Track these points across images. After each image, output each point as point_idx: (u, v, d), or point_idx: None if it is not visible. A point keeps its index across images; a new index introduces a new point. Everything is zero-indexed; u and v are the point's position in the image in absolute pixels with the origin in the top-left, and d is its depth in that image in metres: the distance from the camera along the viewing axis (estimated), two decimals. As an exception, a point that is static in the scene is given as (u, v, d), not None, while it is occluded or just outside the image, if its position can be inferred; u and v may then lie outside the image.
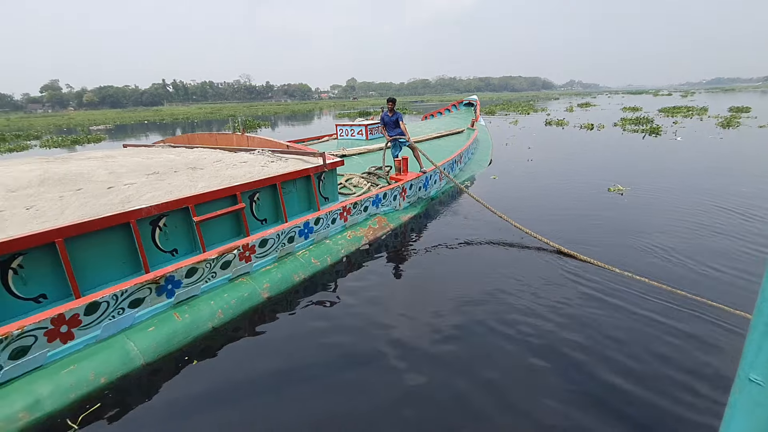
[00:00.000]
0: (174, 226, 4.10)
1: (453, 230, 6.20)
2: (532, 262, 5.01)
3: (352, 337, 3.61)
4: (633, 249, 5.28)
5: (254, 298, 4.12)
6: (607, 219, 6.56)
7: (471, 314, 3.90)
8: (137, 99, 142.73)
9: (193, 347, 3.49)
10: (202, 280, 3.89)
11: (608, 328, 3.60)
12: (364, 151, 9.93)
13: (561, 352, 3.29)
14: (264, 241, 4.41)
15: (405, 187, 6.82)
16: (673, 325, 3.62)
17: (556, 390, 2.91)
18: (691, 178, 9.28)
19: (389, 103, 7.54)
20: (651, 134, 17.36)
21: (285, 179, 5.07)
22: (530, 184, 9.28)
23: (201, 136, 7.94)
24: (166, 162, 6.01)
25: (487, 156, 12.14)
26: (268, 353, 3.41)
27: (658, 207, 7.16)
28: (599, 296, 4.15)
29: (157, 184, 4.60)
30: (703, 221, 6.25)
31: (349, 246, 5.35)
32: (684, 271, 4.65)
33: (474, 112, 16.45)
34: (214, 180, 4.77)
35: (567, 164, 11.59)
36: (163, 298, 3.61)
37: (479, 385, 2.98)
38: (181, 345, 3.47)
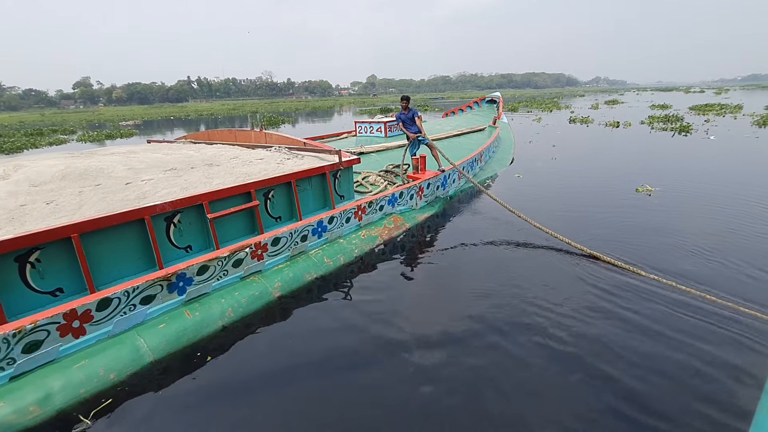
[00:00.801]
0: (188, 223, 4.10)
1: (471, 231, 6.04)
2: (552, 265, 4.83)
3: (362, 338, 3.53)
4: (663, 252, 5.04)
5: (265, 297, 4.08)
6: (634, 220, 6.27)
7: (485, 319, 3.76)
8: (163, 95, 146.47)
9: (203, 345, 3.47)
10: (214, 278, 3.88)
11: (631, 336, 3.42)
12: (382, 148, 9.81)
13: (582, 362, 3.12)
14: (276, 239, 4.37)
15: (422, 186, 6.68)
16: (702, 330, 3.45)
17: (571, 399, 2.79)
18: (724, 179, 8.80)
19: (403, 101, 7.43)
20: (681, 133, 16.67)
21: (300, 177, 5.03)
22: (554, 183, 9.01)
23: (221, 132, 7.99)
24: (184, 158, 6.06)
25: (509, 155, 11.84)
26: (277, 352, 3.37)
27: (688, 209, 6.83)
28: (624, 301, 3.96)
29: (173, 181, 4.62)
30: (735, 226, 5.90)
31: (363, 246, 5.26)
32: (713, 274, 4.42)
33: (496, 109, 16.12)
34: (229, 177, 4.76)
35: (593, 163, 11.24)
36: (175, 295, 3.61)
37: (491, 389, 2.87)
38: (190, 342, 3.45)
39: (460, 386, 2.94)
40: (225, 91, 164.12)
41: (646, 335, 3.43)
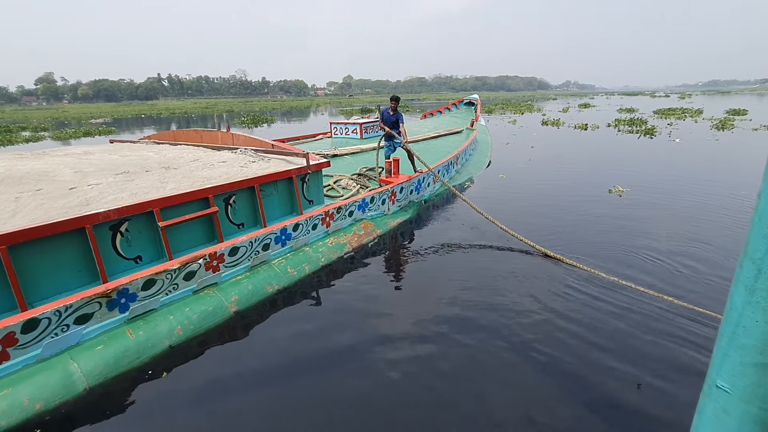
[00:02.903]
0: (137, 232, 3.77)
1: (445, 236, 5.90)
2: (525, 269, 4.77)
3: (328, 349, 3.33)
4: (631, 254, 5.11)
5: (220, 312, 3.77)
6: (608, 222, 6.41)
7: (456, 323, 3.69)
8: (132, 93, 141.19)
9: (146, 368, 3.14)
10: (162, 293, 3.56)
11: (596, 334, 3.51)
12: (356, 150, 9.57)
13: (546, 360, 3.12)
14: (235, 249, 4.08)
15: (395, 191, 6.49)
16: (658, 330, 3.57)
17: (541, 391, 2.88)
18: (689, 180, 9.17)
19: (393, 101, 7.17)
20: (646, 135, 17.30)
21: (264, 181, 4.74)
22: (532, 185, 9.08)
23: (186, 132, 7.61)
24: (140, 161, 5.67)
25: (486, 157, 11.80)
26: (231, 376, 3.08)
27: (656, 210, 7.02)
28: (589, 300, 4.07)
29: (123, 185, 4.27)
30: (700, 226, 6.08)
31: (331, 254, 5.00)
32: (678, 276, 4.55)
33: (474, 111, 16.15)
34: (185, 181, 4.44)
35: (567, 164, 11.41)
36: (116, 312, 3.27)
37: (466, 394, 2.76)
38: (131, 366, 3.12)
39: (431, 391, 2.83)
40: (197, 89, 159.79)
41: (607, 335, 3.50)
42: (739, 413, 1.05)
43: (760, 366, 1.00)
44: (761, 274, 0.97)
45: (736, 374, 1.05)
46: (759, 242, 0.97)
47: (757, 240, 0.98)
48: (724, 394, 1.08)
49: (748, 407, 1.04)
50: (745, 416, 1.04)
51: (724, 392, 1.08)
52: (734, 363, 1.05)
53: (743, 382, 1.04)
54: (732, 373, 1.05)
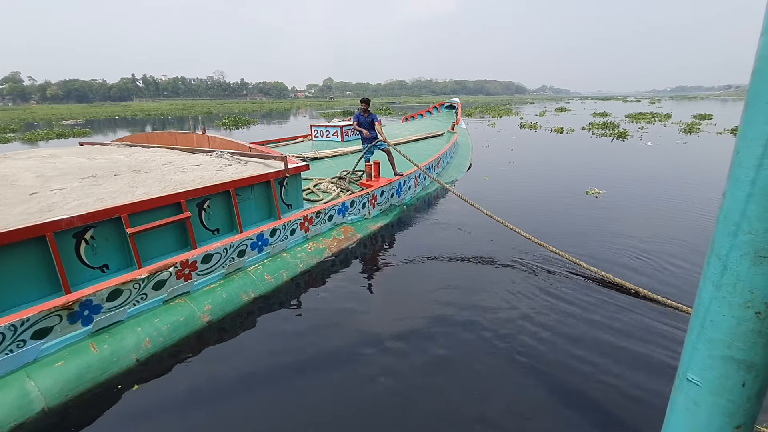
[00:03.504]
0: (104, 239, 3.57)
1: (426, 239, 5.86)
2: (508, 269, 4.79)
3: (307, 356, 3.23)
4: (614, 251, 5.27)
5: (192, 322, 3.60)
6: (586, 222, 6.58)
7: (439, 325, 3.67)
8: (105, 94, 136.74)
9: (111, 384, 2.96)
10: (129, 303, 3.37)
11: (575, 329, 3.58)
12: (337, 153, 9.46)
13: (536, 355, 3.12)
14: (208, 256, 3.92)
15: (375, 194, 6.41)
16: (635, 324, 3.70)
17: (524, 388, 2.90)
18: (661, 181, 9.51)
19: (363, 103, 7.13)
20: (618, 138, 17.87)
21: (240, 185, 4.59)
22: (513, 187, 9.18)
23: (160, 135, 7.36)
24: (109, 164, 5.43)
25: (466, 160, 11.85)
26: (203, 391, 2.93)
27: (631, 210, 7.28)
28: (568, 296, 4.17)
29: (89, 190, 4.05)
30: (673, 225, 6.31)
31: (310, 259, 4.88)
32: (653, 272, 4.72)
33: (455, 114, 16.27)
34: (157, 185, 4.25)
35: (545, 167, 11.61)
36: (78, 326, 3.07)
37: (449, 394, 2.73)
38: (95, 383, 2.93)
39: (413, 393, 2.77)
40: (173, 91, 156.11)
41: (584, 330, 3.58)
42: (709, 405, 1.08)
43: (727, 359, 1.03)
44: (727, 269, 1.01)
45: (705, 367, 1.08)
46: (724, 240, 1.02)
47: (722, 237, 1.02)
48: (694, 387, 1.12)
49: (717, 399, 1.07)
50: (715, 408, 1.07)
51: (695, 385, 1.11)
52: (703, 356, 1.08)
53: (712, 374, 1.07)
54: (701, 366, 1.08)
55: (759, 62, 0.92)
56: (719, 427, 1.09)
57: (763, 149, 0.91)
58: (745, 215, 0.96)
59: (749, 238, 0.95)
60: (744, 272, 0.97)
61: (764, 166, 0.91)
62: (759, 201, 0.93)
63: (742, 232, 0.97)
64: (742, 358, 1.02)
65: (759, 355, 1.00)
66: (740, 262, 0.98)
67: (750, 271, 0.96)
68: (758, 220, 0.94)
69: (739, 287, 0.99)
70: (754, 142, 0.92)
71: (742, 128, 0.96)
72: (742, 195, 0.96)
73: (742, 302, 0.99)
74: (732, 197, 0.98)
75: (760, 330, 0.98)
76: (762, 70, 0.91)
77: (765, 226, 0.93)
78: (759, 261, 0.95)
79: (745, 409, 1.06)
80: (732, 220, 0.98)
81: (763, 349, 0.99)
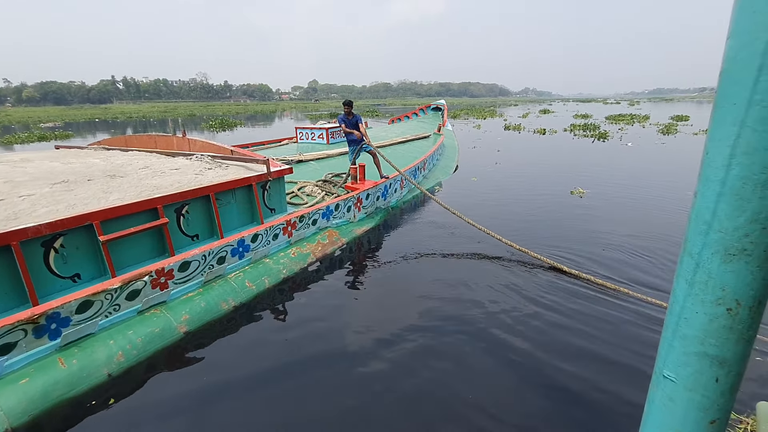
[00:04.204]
0: (75, 248, 3.41)
1: (412, 242, 5.79)
2: (495, 271, 4.79)
3: (291, 371, 3.10)
4: (599, 250, 5.34)
5: (168, 333, 3.43)
6: (571, 221, 6.67)
7: (427, 329, 3.61)
8: (84, 96, 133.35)
9: (80, 402, 2.78)
10: (101, 315, 3.19)
11: (562, 328, 3.59)
12: (323, 156, 9.34)
13: (521, 363, 3.08)
14: (186, 263, 3.76)
15: (360, 197, 6.32)
16: (606, 319, 3.78)
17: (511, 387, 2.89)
18: (641, 180, 9.73)
19: (346, 106, 7.04)
20: (599, 139, 18.24)
21: (220, 189, 4.46)
22: (500, 188, 9.23)
23: (139, 138, 7.15)
24: (83, 168, 5.23)
25: (453, 162, 11.82)
26: (179, 405, 2.79)
27: (613, 208, 7.44)
28: (555, 296, 4.21)
29: (60, 196, 3.87)
30: (655, 224, 6.45)
31: (293, 265, 4.73)
32: (637, 269, 4.79)
33: (441, 116, 16.29)
34: (132, 191, 4.09)
35: (531, 167, 11.74)
36: (45, 340, 2.89)
37: (437, 397, 2.67)
38: (63, 400, 2.75)
39: (401, 402, 2.67)
40: (155, 93, 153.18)
41: (579, 335, 3.56)
42: (684, 401, 1.11)
43: (701, 355, 1.06)
44: (699, 267, 1.03)
45: (680, 364, 1.11)
46: (696, 238, 1.03)
47: (694, 236, 1.04)
48: (670, 383, 1.14)
49: (692, 395, 1.10)
50: (690, 403, 1.10)
51: (670, 381, 1.14)
52: (678, 353, 1.11)
53: (686, 371, 1.10)
54: (676, 363, 1.11)
55: (726, 64, 0.94)
56: (695, 421, 1.11)
57: (732, 149, 0.93)
58: (716, 214, 0.98)
59: (719, 237, 0.98)
60: (715, 270, 1.00)
61: (733, 166, 0.94)
62: (728, 200, 0.95)
63: (712, 230, 0.99)
64: (714, 354, 1.05)
65: (731, 351, 1.03)
66: (711, 260, 1.00)
67: (721, 268, 0.99)
68: (728, 218, 0.96)
69: (711, 285, 1.01)
70: (722, 143, 0.95)
71: (711, 129, 0.98)
72: (712, 194, 0.98)
73: (713, 299, 1.02)
74: (702, 197, 1.01)
75: (731, 326, 1.01)
76: (729, 71, 0.93)
77: (734, 225, 0.96)
78: (729, 259, 0.98)
79: (719, 404, 1.09)
80: (703, 219, 1.01)
81: (735, 345, 1.02)
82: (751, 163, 0.91)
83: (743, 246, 0.96)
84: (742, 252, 0.96)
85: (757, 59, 0.88)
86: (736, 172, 0.94)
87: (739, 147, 0.93)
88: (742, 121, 0.91)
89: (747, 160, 0.92)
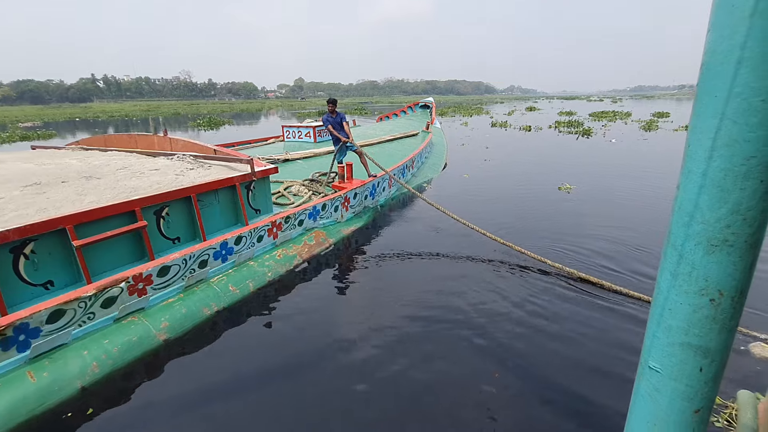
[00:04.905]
0: (47, 253, 3.25)
1: (401, 241, 5.74)
2: (487, 268, 4.79)
3: (276, 376, 3.02)
4: (587, 245, 5.37)
5: (147, 341, 3.28)
6: (560, 216, 6.75)
7: (418, 328, 3.57)
8: (62, 95, 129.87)
9: (51, 418, 2.64)
10: (74, 324, 3.05)
11: (552, 326, 3.55)
12: (309, 155, 9.19)
13: (514, 363, 3.04)
14: (165, 268, 3.62)
15: (348, 197, 6.22)
16: (590, 314, 3.80)
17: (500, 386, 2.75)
18: (626, 175, 9.89)
19: (330, 104, 6.95)
20: (583, 135, 18.51)
21: (202, 190, 4.31)
22: (491, 184, 9.27)
23: (119, 137, 6.92)
24: (57, 170, 5.02)
25: (441, 160, 11.79)
26: (157, 418, 2.67)
27: (602, 203, 7.54)
28: (544, 293, 4.22)
29: (30, 199, 3.70)
30: (641, 217, 6.59)
31: (279, 267, 4.62)
32: (625, 261, 4.86)
33: (429, 114, 16.22)
34: (109, 192, 3.93)
35: (519, 164, 11.83)
36: (13, 353, 2.74)
37: (428, 397, 2.62)
38: (31, 416, 2.59)
39: (388, 401, 2.62)
40: (137, 91, 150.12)
41: (559, 324, 3.58)
42: (669, 391, 1.13)
43: (685, 345, 1.08)
44: (682, 259, 1.05)
45: (665, 354, 1.12)
46: (679, 230, 1.05)
47: (677, 228, 1.05)
48: (655, 374, 1.16)
49: (677, 385, 1.12)
50: (675, 393, 1.12)
51: (656, 372, 1.16)
52: (663, 344, 1.12)
53: (671, 361, 1.11)
54: (661, 353, 1.13)
55: (706, 56, 0.95)
56: (680, 411, 1.13)
57: (713, 142, 0.94)
58: (698, 206, 1.00)
59: (702, 228, 1.00)
60: (698, 261, 1.02)
61: (714, 158, 0.95)
62: (710, 192, 0.97)
63: (695, 222, 1.01)
64: (698, 344, 1.06)
65: (714, 341, 1.05)
66: (694, 252, 1.02)
67: (704, 259, 1.01)
68: (710, 210, 0.98)
69: (694, 275, 1.03)
70: (703, 135, 0.96)
71: (693, 121, 0.99)
72: (694, 186, 1.00)
73: (697, 290, 1.03)
74: (685, 189, 1.03)
75: (714, 316, 1.03)
76: (709, 63, 0.94)
77: (716, 216, 0.97)
78: (711, 250, 1.00)
79: (703, 393, 1.11)
80: (685, 210, 1.03)
81: (718, 335, 1.04)
82: (731, 154, 0.92)
83: (725, 237, 0.97)
84: (724, 243, 0.98)
85: (736, 52, 0.88)
86: (717, 164, 0.95)
87: (719, 139, 0.93)
88: (723, 113, 0.92)
89: (728, 152, 0.92)
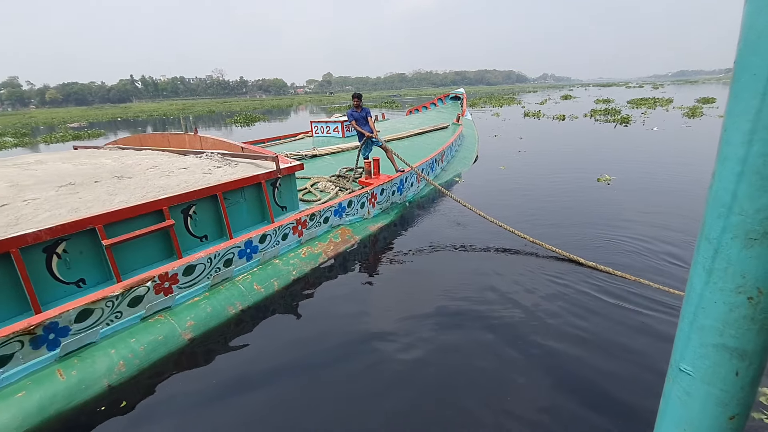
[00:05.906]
0: (79, 252, 3.29)
1: (430, 238, 5.52)
2: (514, 264, 4.59)
3: (303, 377, 2.92)
4: (632, 242, 5.03)
5: (172, 340, 3.27)
6: (600, 210, 6.41)
7: (448, 327, 3.39)
8: (104, 96, 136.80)
9: (78, 415, 2.65)
10: (102, 323, 3.06)
11: (585, 325, 3.43)
12: (337, 150, 9.10)
13: (547, 354, 2.87)
14: (191, 267, 3.60)
15: (375, 193, 6.08)
16: (624, 313, 3.60)
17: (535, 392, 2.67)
18: (669, 165, 9.30)
19: (355, 99, 6.84)
20: (621, 124, 17.52)
21: (228, 188, 4.29)
22: (526, 177, 8.91)
23: (153, 137, 7.11)
24: (91, 170, 5.15)
25: (472, 153, 11.42)
26: (183, 416, 2.63)
27: (645, 196, 7.10)
28: (578, 292, 3.98)
29: (64, 199, 3.77)
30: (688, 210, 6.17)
31: (303, 265, 4.54)
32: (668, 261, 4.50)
33: (460, 105, 15.81)
34: (138, 192, 3.96)
35: (555, 155, 11.34)
36: (43, 351, 2.77)
37: (456, 397, 2.53)
38: (60, 413, 2.61)
39: (422, 399, 2.56)
40: (173, 91, 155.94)
41: (593, 325, 3.42)
42: (702, 395, 1.06)
43: (720, 347, 1.01)
44: (718, 254, 0.96)
45: (697, 356, 1.05)
46: (714, 222, 0.97)
47: (712, 220, 0.97)
48: (687, 377, 1.09)
49: (710, 389, 1.04)
50: (708, 398, 1.05)
51: (687, 375, 1.09)
52: (695, 345, 1.05)
53: (704, 363, 1.04)
54: (694, 355, 1.06)
55: (744, 30, 0.85)
56: (713, 417, 1.05)
57: (753, 124, 0.85)
58: (736, 196, 0.91)
59: (740, 220, 0.91)
60: (735, 256, 0.93)
61: (754, 142, 0.86)
62: (749, 180, 0.88)
63: (732, 213, 0.92)
64: (734, 346, 0.98)
65: (752, 343, 0.96)
66: (731, 246, 0.93)
67: (741, 254, 0.92)
68: (749, 200, 0.89)
69: (731, 272, 0.94)
70: (741, 117, 0.87)
71: (730, 103, 0.89)
72: (731, 174, 0.91)
73: (733, 287, 0.95)
74: (721, 177, 0.95)
75: (752, 316, 0.94)
76: (748, 38, 0.84)
77: (756, 207, 0.88)
78: (750, 243, 0.91)
79: (739, 399, 1.02)
80: (721, 201, 0.95)
81: (756, 336, 0.95)
82: None
83: (765, 229, 0.89)
84: (765, 236, 0.89)
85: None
86: (757, 149, 0.86)
87: (760, 121, 0.84)
88: (764, 93, 0.82)
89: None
